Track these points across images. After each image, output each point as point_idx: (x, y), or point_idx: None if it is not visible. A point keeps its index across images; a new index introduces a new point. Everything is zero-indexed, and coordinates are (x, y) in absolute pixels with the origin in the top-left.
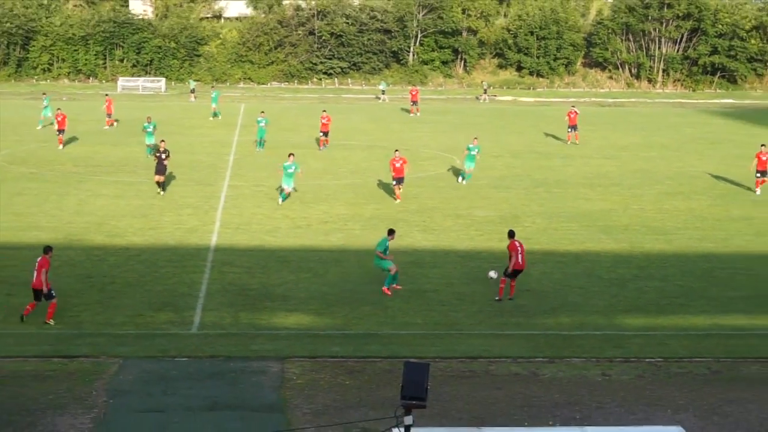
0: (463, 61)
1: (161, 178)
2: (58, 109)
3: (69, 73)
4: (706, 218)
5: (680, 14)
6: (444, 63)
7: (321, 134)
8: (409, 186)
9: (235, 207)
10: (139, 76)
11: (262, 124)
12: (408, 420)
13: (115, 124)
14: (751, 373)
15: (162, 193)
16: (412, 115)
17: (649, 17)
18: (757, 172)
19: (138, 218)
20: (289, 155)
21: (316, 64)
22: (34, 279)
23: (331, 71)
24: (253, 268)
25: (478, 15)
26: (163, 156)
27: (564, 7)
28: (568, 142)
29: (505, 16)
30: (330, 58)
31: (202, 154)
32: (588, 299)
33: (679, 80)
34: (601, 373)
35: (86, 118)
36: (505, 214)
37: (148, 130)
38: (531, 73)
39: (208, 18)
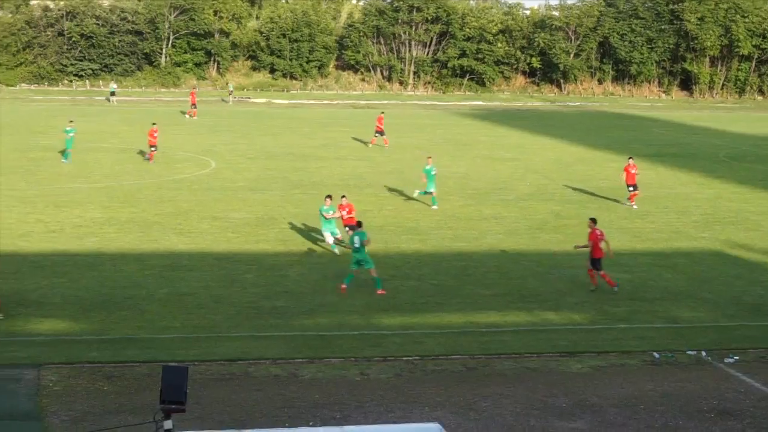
0: (216, 63)
1: None
2: None
3: None
4: (459, 218)
5: (429, 18)
6: (197, 65)
7: (151, 148)
8: (164, 189)
9: None
10: None
11: (71, 135)
12: (168, 424)
13: None
14: (505, 369)
15: None
16: (188, 117)
17: (399, 20)
18: (628, 185)
19: None
20: (327, 198)
21: (66, 65)
22: None
23: (82, 73)
24: (5, 273)
25: (230, 17)
26: None
27: (316, 10)
28: (380, 145)
29: (258, 18)
30: (81, 60)
31: None
32: (345, 299)
33: (429, 83)
34: (359, 372)
35: None
36: (262, 215)
37: None
38: (284, 76)
39: None
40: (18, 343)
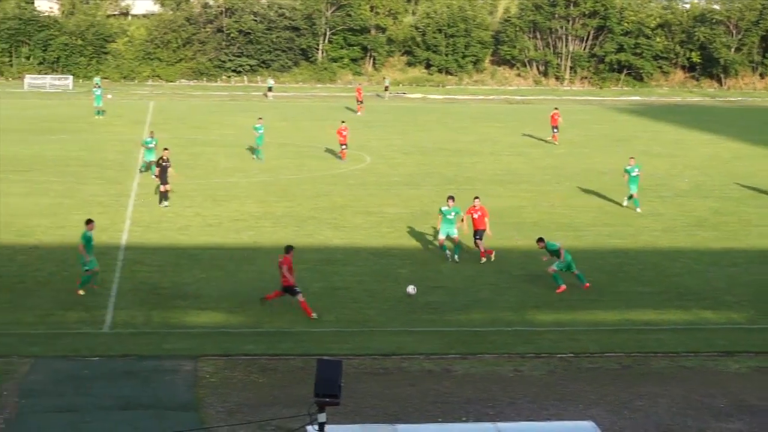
0: (372, 59)
1: (167, 188)
2: None
3: None
4: (615, 214)
5: (586, 12)
6: (353, 60)
7: (342, 147)
8: (320, 183)
9: (145, 205)
10: (46, 73)
11: (261, 132)
12: (322, 417)
13: None
14: (661, 368)
15: (167, 204)
16: (359, 113)
17: (556, 15)
18: None
19: (47, 217)
20: (449, 198)
21: (224, 61)
22: (282, 278)
23: (240, 69)
24: (164, 266)
25: (387, 12)
26: (167, 165)
27: (472, 5)
28: (556, 142)
29: (414, 13)
30: (239, 56)
31: (112, 152)
32: (499, 295)
33: (586, 78)
34: (513, 368)
35: None
36: (416, 211)
37: (150, 146)
38: (440, 71)
39: (115, 15)
40: (176, 334)
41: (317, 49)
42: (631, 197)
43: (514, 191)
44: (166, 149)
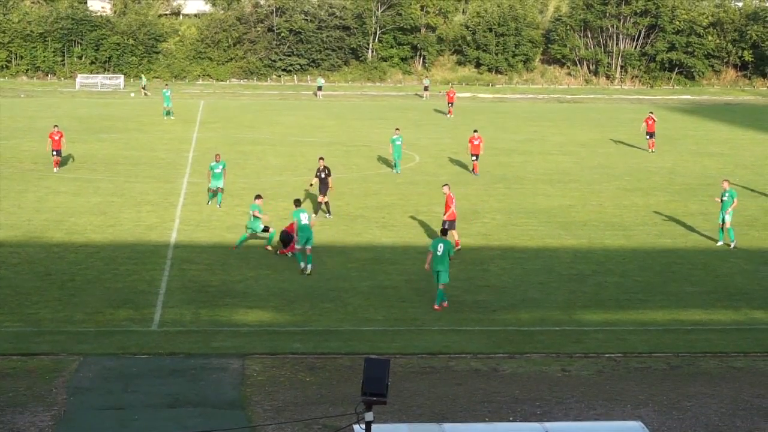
0: (422, 58)
1: (324, 198)
2: (55, 126)
3: (27, 70)
4: (664, 214)
5: (638, 11)
6: (403, 60)
7: (473, 157)
8: (369, 182)
9: (194, 204)
10: (98, 73)
11: (399, 142)
12: (369, 416)
13: None
14: (710, 368)
15: (329, 216)
16: (449, 116)
17: (607, 14)
18: None
19: (97, 215)
20: (257, 197)
21: (275, 60)
22: None
23: (290, 68)
24: (213, 265)
25: (437, 12)
26: (324, 174)
27: (522, 4)
28: (651, 150)
29: (464, 12)
30: (289, 55)
31: (162, 151)
32: (547, 295)
33: (637, 76)
34: (560, 368)
35: (45, 115)
36: (465, 210)
37: (216, 171)
38: (490, 70)
39: (166, 15)
40: (224, 333)
41: (367, 48)
42: (722, 228)
43: (563, 190)
44: (321, 158)
